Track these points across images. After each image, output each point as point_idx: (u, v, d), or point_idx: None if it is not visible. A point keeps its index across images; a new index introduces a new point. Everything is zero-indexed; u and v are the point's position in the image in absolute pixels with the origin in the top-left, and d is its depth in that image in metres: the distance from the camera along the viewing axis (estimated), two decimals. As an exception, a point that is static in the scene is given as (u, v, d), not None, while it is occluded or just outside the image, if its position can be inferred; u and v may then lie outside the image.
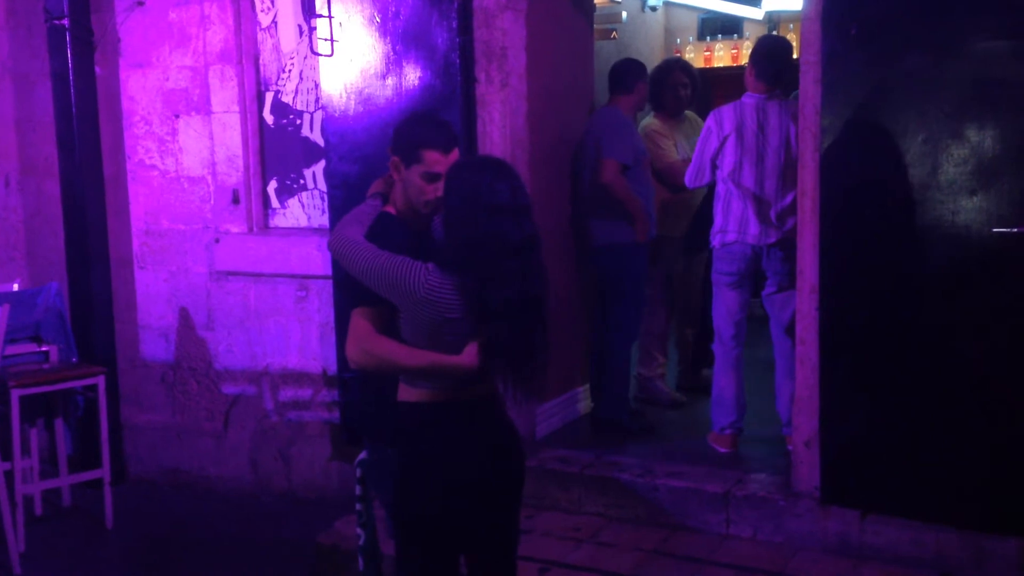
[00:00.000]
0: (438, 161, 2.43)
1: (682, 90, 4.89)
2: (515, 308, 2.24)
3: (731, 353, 4.17)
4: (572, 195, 4.59)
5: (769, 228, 4.01)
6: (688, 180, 4.24)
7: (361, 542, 2.83)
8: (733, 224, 4.05)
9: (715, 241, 4.14)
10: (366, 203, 2.57)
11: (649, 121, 4.97)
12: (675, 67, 5.02)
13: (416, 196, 2.46)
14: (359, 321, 2.33)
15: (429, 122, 2.56)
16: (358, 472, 2.78)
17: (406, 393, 2.39)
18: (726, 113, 4.07)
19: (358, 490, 2.78)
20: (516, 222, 2.25)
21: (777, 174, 3.98)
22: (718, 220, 4.12)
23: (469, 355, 2.27)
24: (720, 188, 4.11)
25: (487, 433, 2.42)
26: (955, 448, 3.36)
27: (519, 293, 2.24)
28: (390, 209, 2.54)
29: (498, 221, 2.23)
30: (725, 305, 4.16)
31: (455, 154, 2.47)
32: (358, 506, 2.79)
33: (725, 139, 4.04)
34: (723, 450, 4.17)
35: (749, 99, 4.08)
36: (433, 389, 2.35)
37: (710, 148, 4.09)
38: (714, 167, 4.11)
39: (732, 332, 4.16)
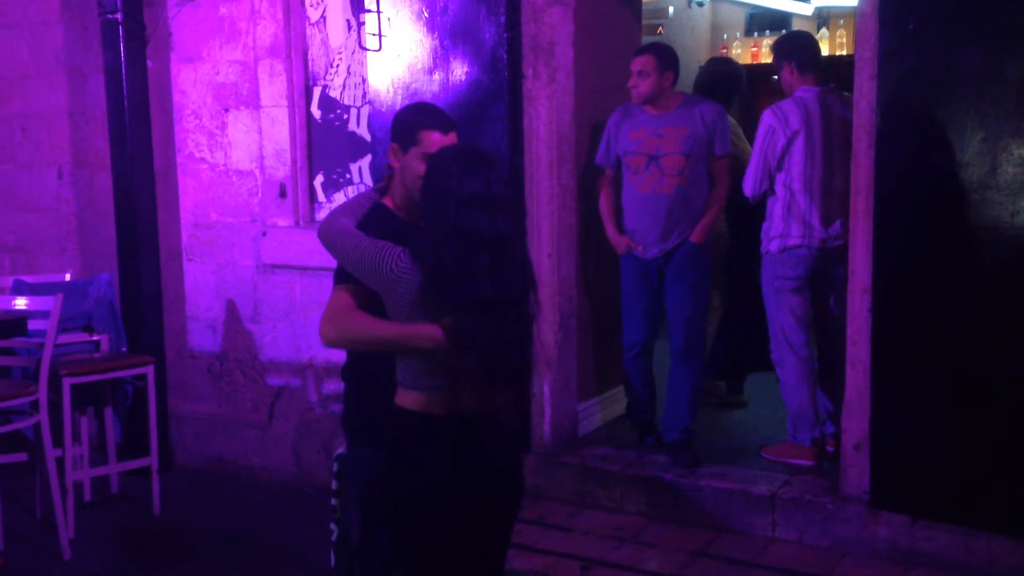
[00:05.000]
0: (437, 142, 2.43)
1: None
2: (484, 304, 2.14)
3: (807, 361, 3.96)
4: None
5: (838, 227, 3.84)
6: (752, 188, 3.95)
7: (333, 538, 2.82)
8: (797, 225, 3.87)
9: (773, 246, 3.93)
10: (362, 194, 2.56)
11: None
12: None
13: (413, 182, 2.42)
14: (338, 297, 2.27)
15: (426, 107, 2.61)
16: (335, 467, 2.78)
17: (404, 397, 2.28)
18: (789, 109, 3.88)
19: (334, 485, 2.78)
20: (488, 216, 2.15)
21: (846, 170, 3.73)
22: (777, 223, 3.91)
23: (437, 328, 2.16)
24: (780, 189, 3.91)
25: (484, 455, 2.28)
26: (1009, 453, 3.29)
27: (490, 290, 2.14)
28: (387, 201, 2.53)
29: (467, 214, 2.14)
30: (792, 312, 3.95)
31: (453, 137, 2.46)
32: (333, 501, 2.79)
33: (793, 136, 3.84)
34: (808, 463, 3.95)
35: (806, 93, 3.91)
36: (431, 394, 2.23)
37: (777, 147, 3.87)
38: (777, 168, 3.90)
39: (804, 339, 3.96)
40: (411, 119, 2.52)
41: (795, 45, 4.07)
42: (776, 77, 4.15)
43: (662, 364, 4.28)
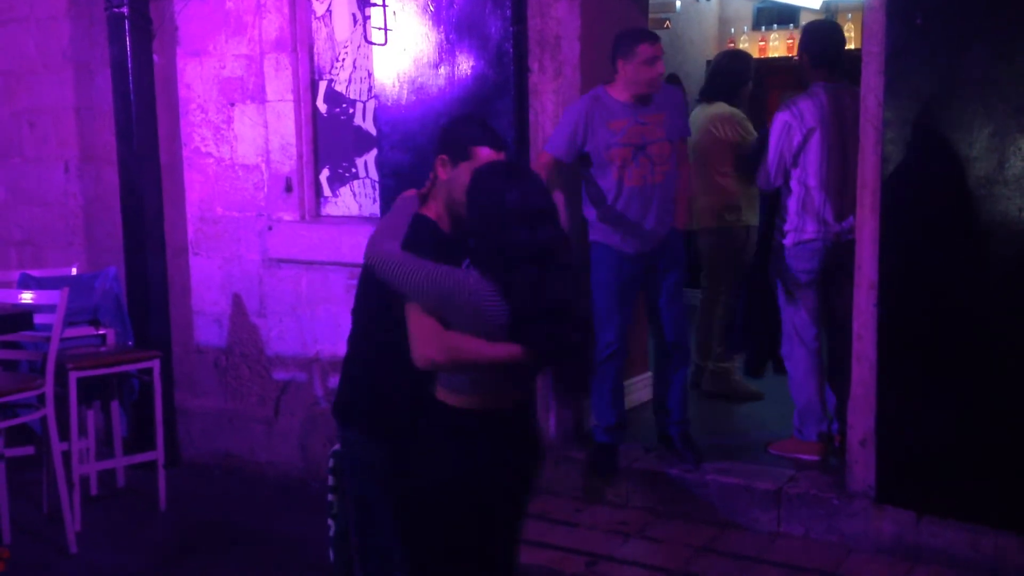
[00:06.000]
0: (488, 158, 2.47)
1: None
2: (545, 313, 2.19)
3: (816, 355, 3.96)
4: None
5: (851, 222, 3.79)
6: (766, 181, 3.96)
7: (331, 533, 2.86)
8: (811, 220, 3.87)
9: (788, 239, 3.92)
10: (401, 200, 2.55)
11: (732, 110, 4.78)
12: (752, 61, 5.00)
13: (461, 195, 2.43)
14: (421, 318, 2.25)
15: (479, 121, 2.64)
16: (331, 463, 2.80)
17: (448, 396, 2.32)
18: (805, 106, 3.86)
19: (331, 480, 2.80)
20: (530, 228, 2.20)
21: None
22: (792, 218, 3.91)
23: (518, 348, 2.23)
24: (795, 185, 3.90)
25: (518, 447, 2.37)
26: (1016, 450, 3.27)
27: (548, 300, 2.19)
28: (428, 212, 2.53)
29: (512, 229, 2.20)
30: (805, 305, 3.95)
31: (503, 155, 2.52)
32: (330, 497, 2.82)
33: (809, 133, 3.83)
34: (814, 458, 3.94)
35: (820, 88, 3.90)
36: (476, 395, 2.29)
37: (793, 144, 3.86)
38: (793, 164, 3.89)
39: (815, 332, 3.96)
40: (465, 132, 2.54)
41: (813, 37, 4.05)
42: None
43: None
